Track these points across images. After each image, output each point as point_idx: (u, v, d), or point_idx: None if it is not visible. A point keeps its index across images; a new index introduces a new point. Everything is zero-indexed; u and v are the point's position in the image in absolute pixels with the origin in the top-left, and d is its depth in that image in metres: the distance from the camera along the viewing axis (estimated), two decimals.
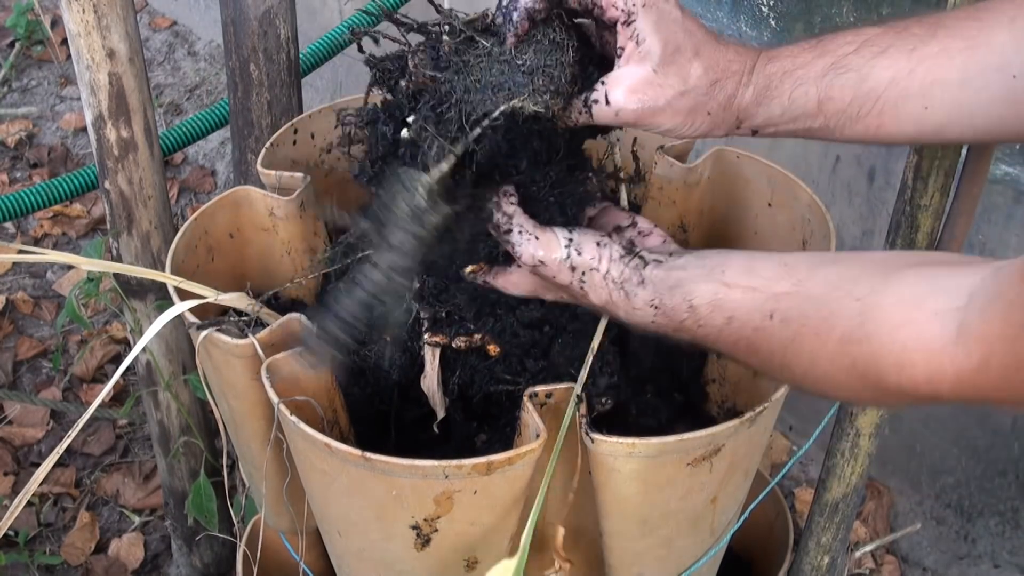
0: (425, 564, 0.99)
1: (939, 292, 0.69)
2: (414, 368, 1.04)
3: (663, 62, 0.82)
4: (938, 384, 0.68)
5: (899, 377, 0.70)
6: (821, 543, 1.36)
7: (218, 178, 2.78)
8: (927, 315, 0.68)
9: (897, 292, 0.71)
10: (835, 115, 0.83)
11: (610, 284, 0.88)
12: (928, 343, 0.68)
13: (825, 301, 0.75)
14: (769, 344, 0.79)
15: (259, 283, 1.15)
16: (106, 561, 1.91)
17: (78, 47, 1.23)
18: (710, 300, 0.82)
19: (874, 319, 0.71)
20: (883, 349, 0.70)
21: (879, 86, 0.81)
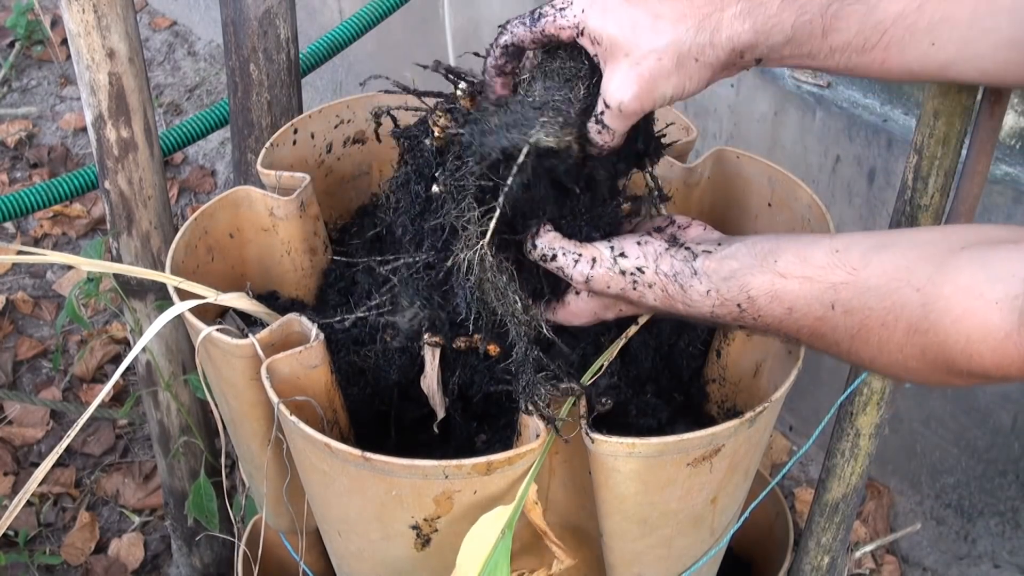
0: (425, 564, 0.99)
1: (995, 280, 0.71)
2: (414, 368, 1.04)
3: (628, 43, 0.82)
4: (1007, 368, 0.72)
5: (968, 364, 0.73)
6: (821, 543, 1.36)
7: (218, 178, 2.78)
8: (987, 304, 0.71)
9: (954, 280, 0.73)
10: (840, 47, 0.82)
11: (663, 279, 0.88)
12: (992, 332, 0.71)
13: (886, 292, 0.77)
14: (834, 333, 0.81)
15: (259, 283, 1.15)
16: (106, 561, 1.91)
17: (78, 47, 1.23)
18: (768, 291, 0.83)
19: (936, 309, 0.74)
20: (949, 339, 0.73)
21: (886, 19, 0.80)
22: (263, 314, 1.07)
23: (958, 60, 0.80)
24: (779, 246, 0.84)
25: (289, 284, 1.18)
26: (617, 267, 0.89)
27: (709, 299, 0.86)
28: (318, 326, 0.97)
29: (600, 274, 0.89)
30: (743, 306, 0.85)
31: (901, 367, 0.79)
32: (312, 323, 0.97)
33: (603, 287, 0.89)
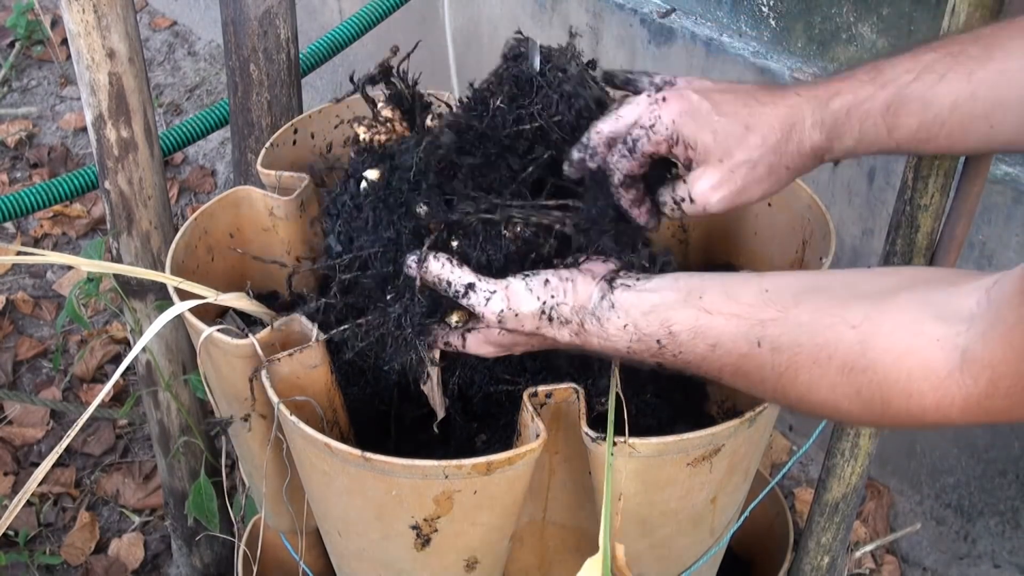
0: (425, 564, 0.99)
1: (938, 318, 0.70)
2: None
3: (722, 150, 0.86)
4: (947, 410, 0.69)
5: (907, 404, 0.71)
6: (821, 543, 1.36)
7: (218, 178, 2.78)
8: (929, 342, 0.69)
9: (894, 319, 0.72)
10: (906, 141, 0.86)
11: (580, 314, 0.87)
12: (934, 371, 0.69)
13: (818, 329, 0.76)
14: (760, 371, 0.79)
15: (259, 283, 1.15)
16: (106, 561, 1.91)
17: (78, 47, 1.23)
18: (691, 327, 0.82)
19: (875, 347, 0.72)
20: (889, 377, 0.71)
21: (943, 112, 0.84)
22: (263, 314, 1.07)
23: (1020, 135, 0.82)
24: (704, 284, 0.84)
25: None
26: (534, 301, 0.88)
27: (626, 334, 0.85)
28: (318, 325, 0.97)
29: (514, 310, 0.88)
30: (663, 342, 0.83)
31: (832, 407, 0.77)
32: (312, 323, 0.97)
33: (518, 325, 0.88)
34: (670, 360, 0.84)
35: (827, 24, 1.67)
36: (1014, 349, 0.65)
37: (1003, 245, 1.57)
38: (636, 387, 1.06)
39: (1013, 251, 1.57)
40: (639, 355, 0.86)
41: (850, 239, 1.77)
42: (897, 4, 1.56)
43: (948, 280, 0.73)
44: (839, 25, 1.65)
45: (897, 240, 1.12)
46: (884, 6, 1.58)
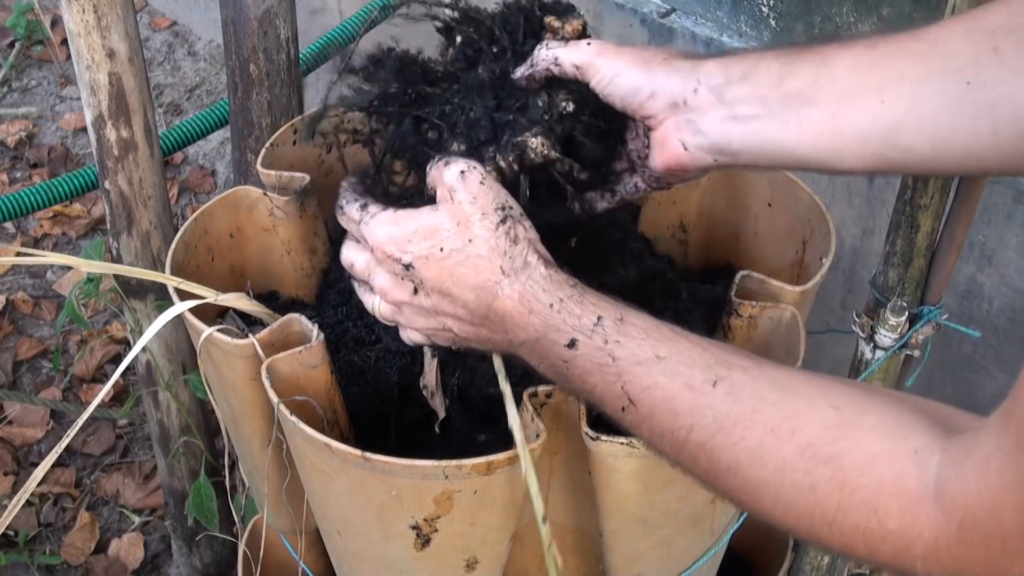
0: (425, 564, 0.99)
1: (922, 425, 0.59)
2: (414, 368, 1.04)
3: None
4: (911, 542, 0.57)
5: (867, 522, 0.59)
6: None
7: (218, 178, 2.78)
8: (906, 451, 0.58)
9: (879, 414, 0.61)
10: (793, 95, 0.78)
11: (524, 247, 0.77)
12: (905, 490, 0.57)
13: (795, 395, 0.64)
14: (695, 416, 0.66)
15: (259, 283, 1.15)
16: (106, 561, 1.91)
17: (78, 47, 1.23)
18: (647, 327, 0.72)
19: (851, 437, 0.60)
20: (854, 482, 0.59)
21: (838, 71, 0.77)
22: (263, 314, 1.07)
23: (907, 122, 0.75)
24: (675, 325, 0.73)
25: (289, 284, 1.18)
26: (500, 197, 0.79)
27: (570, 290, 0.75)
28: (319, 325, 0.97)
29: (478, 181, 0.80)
30: (604, 321, 0.73)
31: (770, 496, 0.63)
32: (313, 323, 0.97)
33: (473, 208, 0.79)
34: (594, 344, 0.72)
35: (827, 24, 1.67)
36: (989, 487, 0.53)
37: (1003, 245, 1.57)
38: None
39: (1013, 251, 1.57)
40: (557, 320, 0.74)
41: (850, 239, 1.77)
42: (897, 4, 1.56)
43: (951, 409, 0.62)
44: (839, 25, 1.65)
45: (897, 240, 1.12)
46: (884, 6, 1.58)
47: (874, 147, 0.76)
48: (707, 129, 0.81)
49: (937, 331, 1.17)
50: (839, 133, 0.77)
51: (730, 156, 0.81)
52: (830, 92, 0.77)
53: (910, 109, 0.74)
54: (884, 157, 0.76)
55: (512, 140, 0.85)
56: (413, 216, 0.79)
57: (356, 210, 0.83)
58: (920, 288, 1.15)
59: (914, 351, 1.18)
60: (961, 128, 0.73)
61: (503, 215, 0.78)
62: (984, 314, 1.64)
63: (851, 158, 0.77)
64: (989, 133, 0.72)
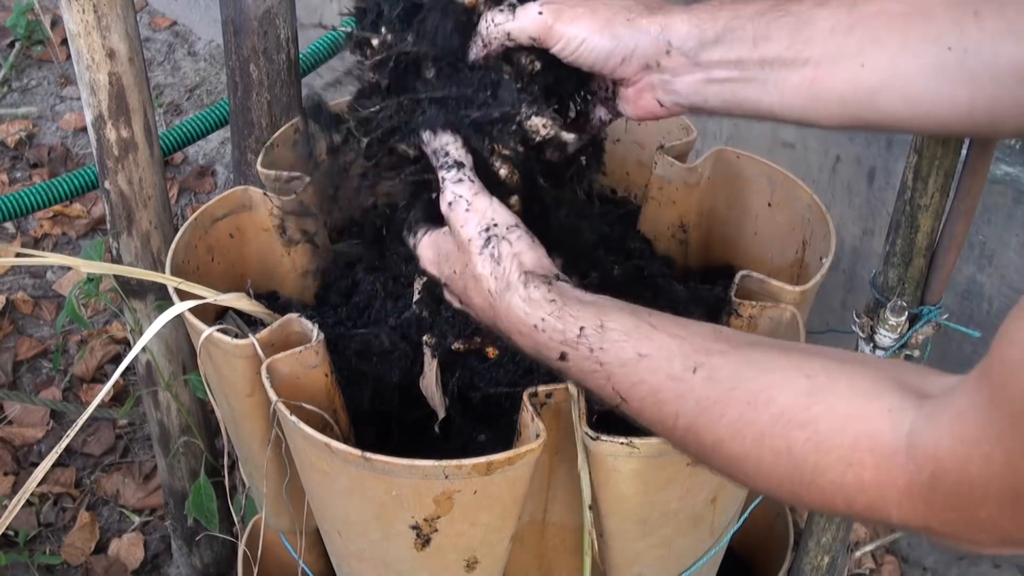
0: (425, 564, 0.99)
1: (895, 388, 0.62)
2: (415, 369, 1.04)
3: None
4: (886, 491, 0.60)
5: (843, 476, 0.61)
6: (821, 543, 1.36)
7: (218, 178, 2.78)
8: (880, 410, 0.61)
9: (852, 379, 0.63)
10: (770, 60, 0.77)
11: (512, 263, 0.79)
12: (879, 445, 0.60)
13: (769, 368, 0.66)
14: (679, 402, 0.70)
15: (259, 283, 1.15)
16: (106, 561, 1.91)
17: (78, 47, 1.23)
18: (628, 328, 0.73)
19: (824, 402, 0.63)
20: (829, 441, 0.62)
21: (817, 34, 0.77)
22: (263, 314, 1.07)
23: (887, 86, 0.75)
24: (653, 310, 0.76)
25: (289, 284, 1.18)
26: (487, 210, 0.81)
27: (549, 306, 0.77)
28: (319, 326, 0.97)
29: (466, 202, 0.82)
30: (587, 330, 0.74)
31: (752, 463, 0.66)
32: (313, 323, 0.97)
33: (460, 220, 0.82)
34: (581, 355, 0.75)
35: None
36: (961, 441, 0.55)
37: (1003, 245, 1.57)
38: None
39: (1013, 251, 1.57)
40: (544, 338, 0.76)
41: (850, 239, 1.77)
42: None
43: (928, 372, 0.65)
44: None
45: (897, 240, 1.12)
46: None
47: (852, 110, 0.77)
48: (682, 90, 0.82)
49: (937, 331, 1.17)
50: (817, 96, 0.77)
51: (706, 112, 0.83)
52: (809, 55, 0.76)
53: (889, 73, 0.75)
54: (861, 118, 0.77)
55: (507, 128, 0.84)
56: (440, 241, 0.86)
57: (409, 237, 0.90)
58: (920, 288, 1.15)
59: (914, 351, 1.18)
60: (942, 94, 0.74)
61: (486, 236, 0.80)
62: (984, 314, 1.64)
63: (827, 118, 0.78)
64: (967, 97, 0.73)
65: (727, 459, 0.68)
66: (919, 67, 0.74)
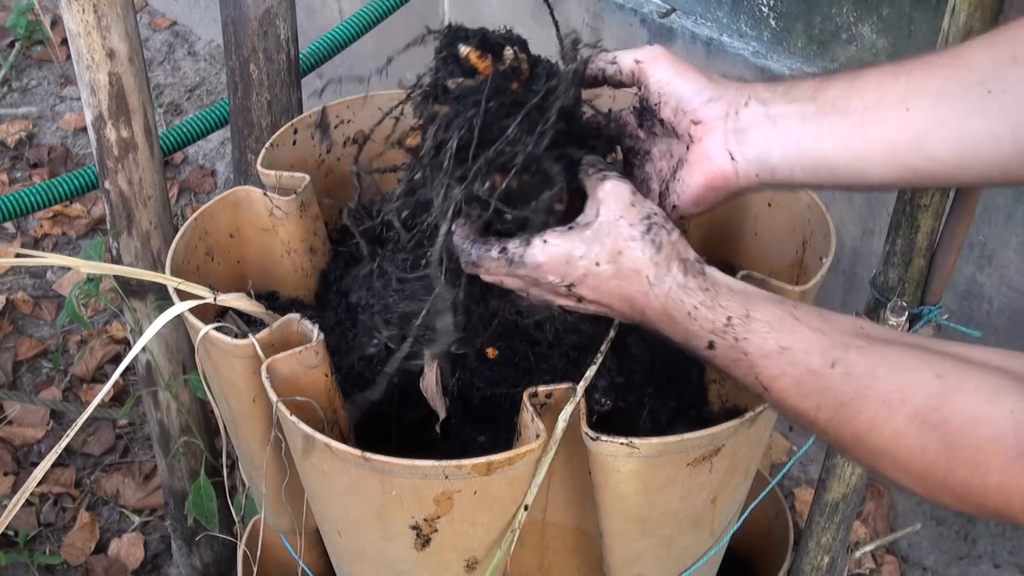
0: (425, 564, 0.99)
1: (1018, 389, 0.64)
2: (414, 369, 1.04)
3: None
4: (1009, 496, 0.63)
5: (971, 477, 0.65)
6: (821, 543, 1.36)
7: (218, 178, 2.78)
8: (1003, 413, 0.64)
9: (979, 380, 0.66)
10: (827, 108, 0.82)
11: (672, 249, 0.82)
12: (1003, 447, 0.63)
13: (900, 367, 0.70)
14: (820, 395, 0.73)
15: (259, 283, 1.15)
16: (106, 561, 1.91)
17: (78, 47, 1.23)
18: (773, 319, 0.77)
19: (953, 404, 0.66)
20: (959, 442, 0.65)
21: (868, 85, 0.81)
22: (263, 314, 1.07)
23: (933, 128, 0.79)
24: (798, 302, 0.80)
25: (289, 284, 1.18)
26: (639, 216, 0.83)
27: (702, 295, 0.80)
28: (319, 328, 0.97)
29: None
30: (734, 320, 0.78)
31: (890, 457, 0.70)
32: (313, 323, 0.97)
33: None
34: (727, 344, 0.78)
35: (827, 24, 1.67)
36: None
37: (1003, 245, 1.57)
38: (636, 387, 1.06)
39: (1013, 251, 1.57)
40: (695, 327, 0.80)
41: (850, 239, 1.77)
42: (897, 4, 1.56)
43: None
44: (839, 25, 1.65)
45: (897, 240, 1.12)
46: (884, 6, 1.57)
47: (901, 155, 0.80)
48: (753, 139, 0.85)
49: (937, 331, 1.17)
50: (868, 140, 0.81)
51: (769, 171, 0.85)
52: (859, 102, 0.81)
53: (934, 116, 0.78)
54: (911, 166, 0.81)
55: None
56: (565, 240, 0.83)
57: (496, 256, 0.86)
58: (920, 288, 1.15)
59: None
60: (983, 133, 0.77)
61: (648, 224, 0.82)
62: (984, 314, 1.64)
63: (881, 168, 0.82)
64: (1010, 138, 0.75)
65: (867, 453, 0.72)
66: (963, 110, 0.77)
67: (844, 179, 0.84)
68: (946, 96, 0.78)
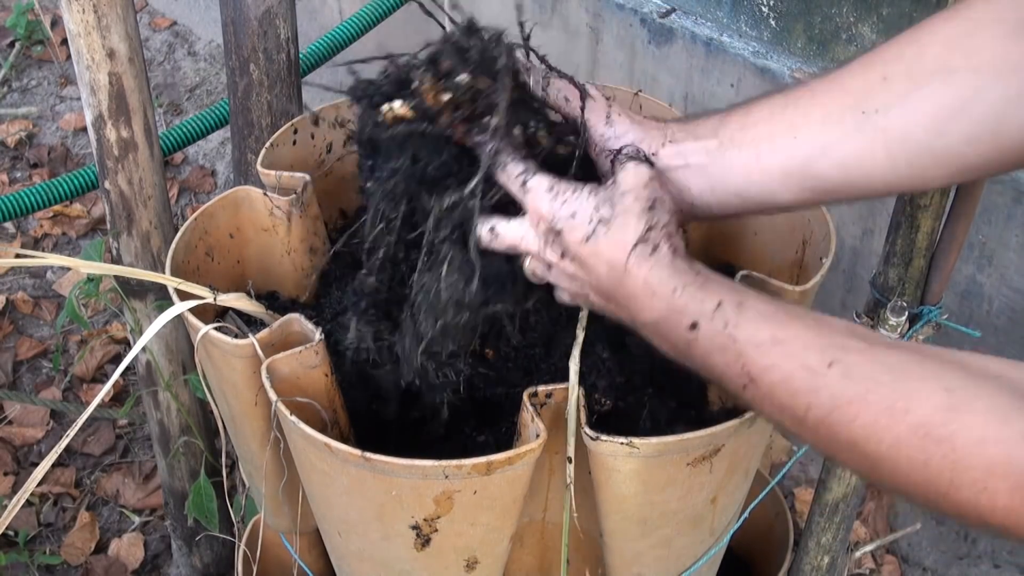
0: (425, 564, 0.99)
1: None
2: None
3: None
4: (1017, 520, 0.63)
5: (977, 499, 0.64)
6: (821, 543, 1.36)
7: (218, 178, 2.78)
8: (1015, 435, 0.63)
9: (991, 398, 0.65)
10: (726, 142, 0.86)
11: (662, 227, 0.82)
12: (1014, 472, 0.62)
13: (906, 376, 0.68)
14: (812, 396, 0.71)
15: (259, 283, 1.15)
16: (106, 561, 1.91)
17: (78, 47, 1.23)
18: (765, 311, 0.76)
19: (962, 421, 0.65)
20: (965, 461, 0.64)
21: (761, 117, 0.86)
22: (263, 314, 1.07)
23: (817, 154, 0.83)
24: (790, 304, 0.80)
25: (289, 284, 1.18)
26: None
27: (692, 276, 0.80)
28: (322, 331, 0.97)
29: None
30: (724, 305, 0.77)
31: (888, 467, 0.68)
32: (316, 326, 0.97)
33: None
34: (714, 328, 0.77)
35: (827, 24, 1.67)
36: None
37: (1003, 245, 1.57)
38: (636, 387, 1.06)
39: (1013, 251, 1.57)
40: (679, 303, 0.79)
41: (850, 239, 1.77)
42: (897, 4, 1.56)
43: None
44: (839, 25, 1.65)
45: (897, 240, 1.12)
46: (884, 6, 1.58)
47: (796, 179, 0.85)
48: (672, 177, 0.89)
49: (937, 331, 1.17)
50: (764, 169, 0.85)
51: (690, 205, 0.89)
52: (753, 134, 0.86)
53: (816, 141, 0.83)
54: (807, 187, 0.85)
55: None
56: (572, 189, 0.84)
57: (519, 171, 0.86)
58: (920, 288, 1.15)
59: None
60: (860, 153, 0.81)
61: (651, 203, 0.83)
62: (984, 314, 1.64)
63: (783, 191, 0.86)
64: (884, 155, 0.80)
65: (861, 458, 0.70)
66: (841, 132, 0.82)
67: (754, 206, 0.88)
68: (827, 121, 0.82)
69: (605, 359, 0.97)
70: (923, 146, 0.78)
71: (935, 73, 0.77)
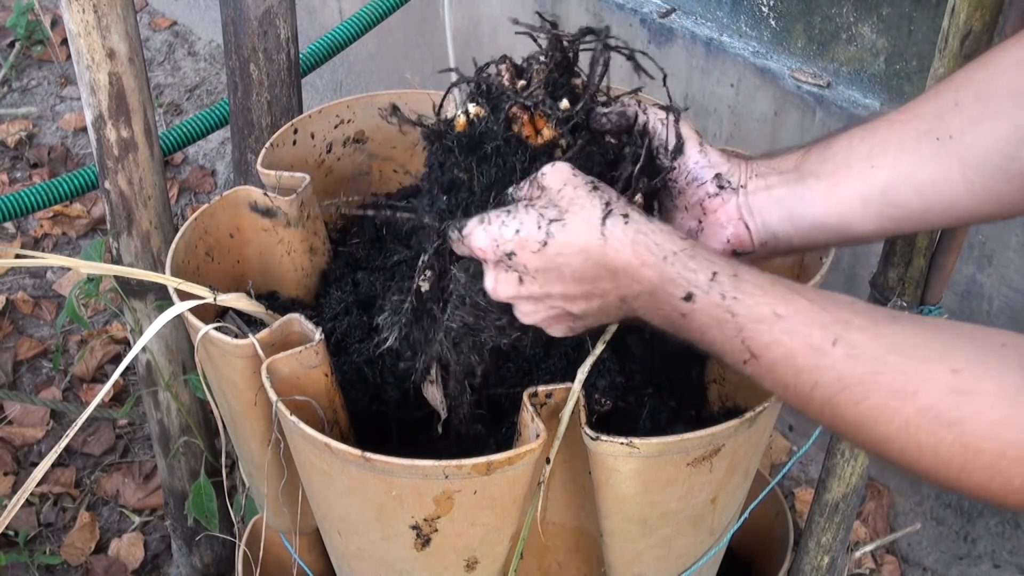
0: (425, 564, 0.99)
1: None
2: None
3: None
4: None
5: (989, 482, 0.64)
6: (821, 543, 1.36)
7: (218, 178, 2.78)
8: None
9: (1000, 376, 0.64)
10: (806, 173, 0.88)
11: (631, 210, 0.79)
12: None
13: (912, 357, 0.67)
14: (817, 375, 0.70)
15: (259, 283, 1.15)
16: (106, 561, 1.91)
17: (78, 47, 1.23)
18: (763, 284, 0.74)
19: (972, 403, 0.64)
20: (977, 445, 0.64)
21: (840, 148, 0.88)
22: (263, 314, 1.07)
23: (895, 181, 0.84)
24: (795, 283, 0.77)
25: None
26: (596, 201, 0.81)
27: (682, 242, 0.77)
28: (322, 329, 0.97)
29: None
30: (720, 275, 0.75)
31: (897, 449, 0.68)
32: (316, 326, 0.97)
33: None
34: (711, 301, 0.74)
35: (827, 24, 1.67)
36: None
37: (1003, 245, 1.57)
38: (636, 387, 1.06)
39: (1013, 251, 1.57)
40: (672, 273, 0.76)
41: None
42: (897, 4, 1.56)
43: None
44: (839, 25, 1.65)
45: (897, 240, 1.12)
46: (884, 6, 1.58)
47: (874, 207, 0.85)
48: (757, 208, 0.90)
49: None
50: (843, 198, 0.86)
51: (772, 235, 0.90)
52: (832, 165, 0.87)
53: (894, 169, 0.84)
54: (884, 215, 0.85)
55: None
56: (503, 211, 0.81)
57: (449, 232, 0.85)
58: (920, 288, 1.15)
59: None
60: (937, 179, 0.81)
61: (593, 185, 0.81)
62: (984, 314, 1.64)
63: (862, 220, 0.86)
64: (961, 181, 0.80)
65: (868, 439, 0.70)
66: (917, 159, 0.82)
67: (832, 236, 0.88)
68: (903, 148, 0.83)
69: (605, 359, 0.97)
70: (999, 170, 0.78)
71: (1007, 98, 0.77)
